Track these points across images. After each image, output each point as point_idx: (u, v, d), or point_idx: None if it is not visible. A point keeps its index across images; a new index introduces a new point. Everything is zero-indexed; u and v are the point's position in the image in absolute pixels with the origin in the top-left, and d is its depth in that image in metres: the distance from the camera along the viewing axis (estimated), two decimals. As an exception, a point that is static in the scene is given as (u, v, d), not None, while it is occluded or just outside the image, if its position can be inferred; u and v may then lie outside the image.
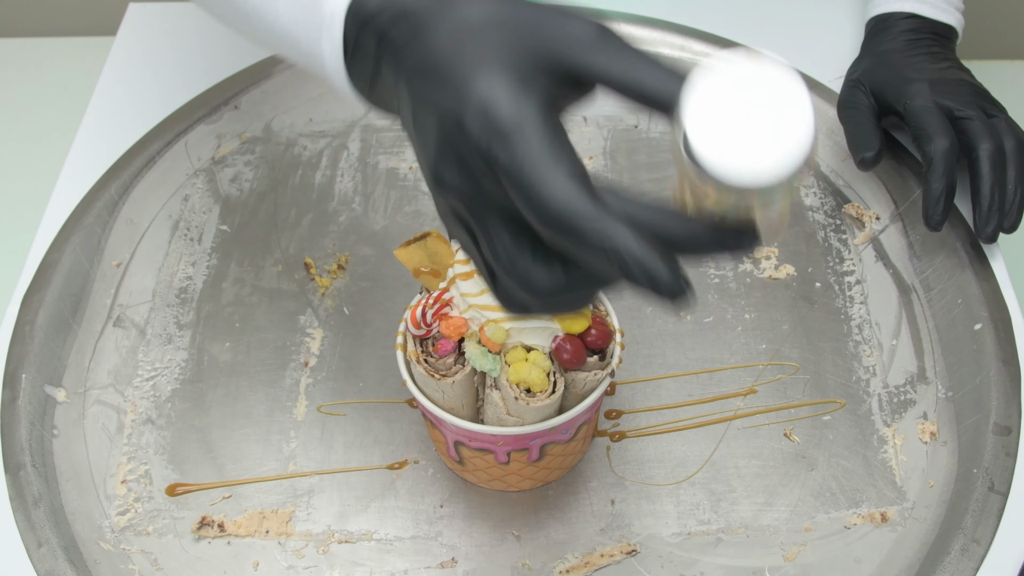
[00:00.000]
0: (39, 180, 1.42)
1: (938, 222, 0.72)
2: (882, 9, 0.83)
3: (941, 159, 0.70)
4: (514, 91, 0.40)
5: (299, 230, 0.82)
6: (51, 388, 0.71)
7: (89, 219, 0.80)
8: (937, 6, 0.81)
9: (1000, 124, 0.72)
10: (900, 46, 0.80)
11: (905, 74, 0.76)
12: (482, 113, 0.40)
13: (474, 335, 0.56)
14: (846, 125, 0.78)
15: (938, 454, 0.67)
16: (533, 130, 0.39)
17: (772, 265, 0.78)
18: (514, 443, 0.59)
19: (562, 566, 0.63)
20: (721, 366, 0.73)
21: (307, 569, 0.63)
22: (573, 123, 0.89)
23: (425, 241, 0.56)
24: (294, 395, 0.72)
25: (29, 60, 1.61)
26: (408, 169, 0.86)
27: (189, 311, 0.77)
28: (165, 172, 0.85)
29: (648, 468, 0.68)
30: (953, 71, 0.77)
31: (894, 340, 0.73)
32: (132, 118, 0.88)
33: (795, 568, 0.63)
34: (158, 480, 0.68)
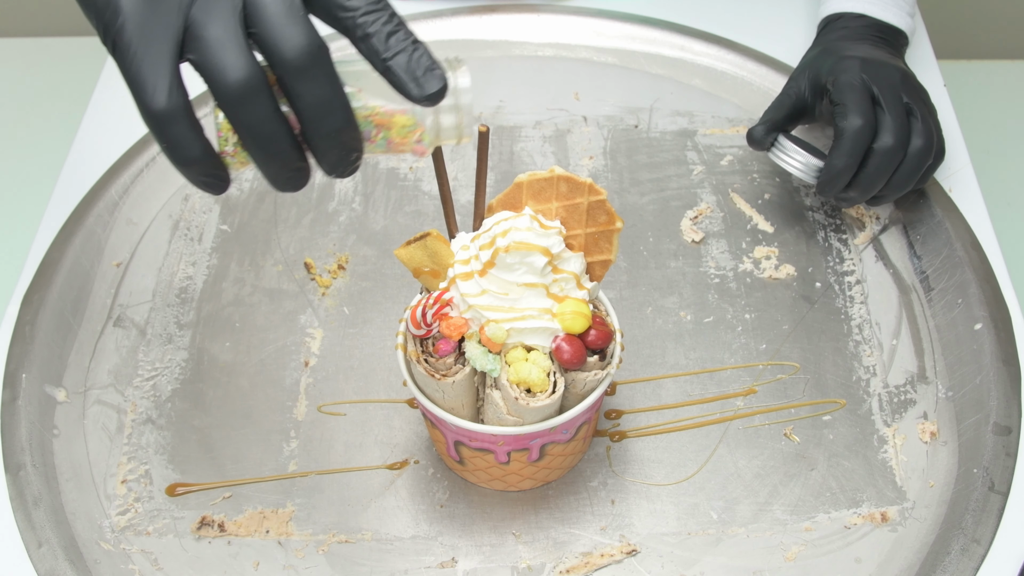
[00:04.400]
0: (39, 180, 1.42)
1: (828, 195, 0.74)
2: (833, 9, 0.84)
3: (851, 137, 0.70)
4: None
5: (299, 230, 0.82)
6: (51, 388, 0.71)
7: (89, 219, 0.80)
8: (886, 8, 0.82)
9: (916, 124, 0.72)
10: (847, 34, 0.81)
11: (841, 53, 0.76)
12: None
13: (474, 335, 0.56)
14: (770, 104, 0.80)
15: (938, 454, 0.67)
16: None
17: (772, 265, 0.78)
18: (514, 443, 0.59)
19: (562, 566, 0.63)
20: (721, 366, 0.73)
21: (307, 569, 0.63)
22: (573, 123, 0.89)
23: (425, 241, 0.56)
24: (294, 395, 0.72)
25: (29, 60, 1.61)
26: (408, 169, 0.86)
27: (189, 311, 0.77)
28: (165, 172, 0.85)
29: (648, 468, 0.68)
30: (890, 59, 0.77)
31: (894, 340, 0.73)
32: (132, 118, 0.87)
33: (795, 568, 0.63)
34: (158, 480, 0.68)
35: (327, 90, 0.45)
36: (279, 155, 0.47)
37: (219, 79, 0.44)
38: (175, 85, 0.45)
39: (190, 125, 0.45)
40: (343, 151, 0.48)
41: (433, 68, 0.46)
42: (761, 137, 0.77)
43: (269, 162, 0.47)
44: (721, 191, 0.84)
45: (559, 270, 0.56)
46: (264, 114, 0.45)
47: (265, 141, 0.46)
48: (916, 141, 0.71)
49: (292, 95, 0.45)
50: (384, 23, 0.46)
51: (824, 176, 0.72)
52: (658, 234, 0.81)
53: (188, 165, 0.47)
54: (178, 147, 0.46)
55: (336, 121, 0.46)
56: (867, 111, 0.71)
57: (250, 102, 0.45)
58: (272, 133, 0.46)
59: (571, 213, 0.56)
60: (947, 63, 1.47)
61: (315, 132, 0.46)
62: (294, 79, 0.45)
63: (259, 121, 0.45)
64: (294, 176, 0.49)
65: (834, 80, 0.73)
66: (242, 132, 0.46)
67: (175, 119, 0.45)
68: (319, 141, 0.47)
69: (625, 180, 0.85)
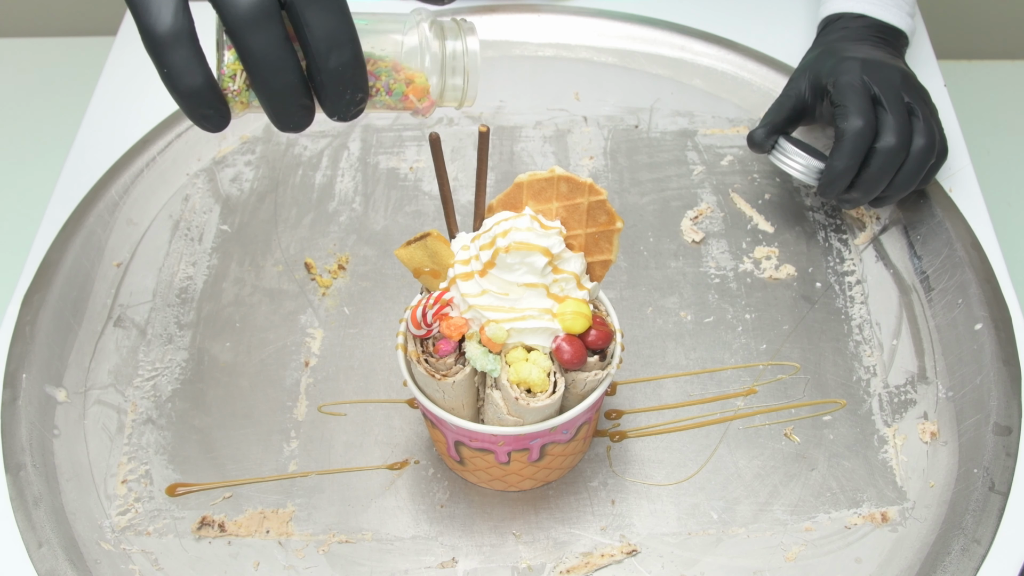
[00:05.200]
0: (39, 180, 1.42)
1: (830, 196, 0.74)
2: (833, 9, 0.84)
3: (851, 138, 0.70)
4: None
5: (299, 230, 0.82)
6: (51, 388, 0.71)
7: (90, 219, 0.80)
8: (887, 8, 0.82)
9: (918, 123, 0.72)
10: (847, 35, 0.81)
11: (842, 54, 0.76)
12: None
13: (474, 335, 0.56)
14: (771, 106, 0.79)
15: (938, 454, 0.67)
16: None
17: (773, 265, 0.78)
18: (514, 443, 0.59)
19: (562, 566, 0.63)
20: (721, 366, 0.73)
21: (307, 569, 0.63)
22: (573, 123, 0.89)
23: (425, 241, 0.56)
24: (294, 395, 0.72)
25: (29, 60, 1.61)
26: (408, 169, 0.86)
27: (189, 311, 0.77)
28: (165, 172, 0.85)
29: (648, 468, 0.68)
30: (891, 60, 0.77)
31: (894, 340, 0.73)
32: (132, 118, 0.88)
33: (795, 568, 0.63)
34: (158, 480, 0.68)
35: (337, 21, 0.45)
36: (286, 87, 0.46)
37: (230, 2, 0.43)
38: (180, 8, 0.44)
39: (194, 51, 0.44)
40: (348, 90, 0.47)
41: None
42: (762, 140, 0.77)
43: (275, 95, 0.46)
44: (721, 191, 0.84)
45: (559, 270, 0.56)
46: (275, 40, 0.44)
47: (273, 70, 0.45)
48: (918, 140, 0.71)
49: (301, 24, 0.44)
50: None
51: (825, 178, 0.72)
52: (658, 234, 0.81)
53: (189, 94, 0.45)
54: (180, 74, 0.44)
55: (344, 55, 0.45)
56: (868, 112, 0.71)
57: (261, 27, 0.44)
58: (281, 62, 0.45)
59: (571, 213, 0.56)
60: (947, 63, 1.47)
61: (322, 66, 0.45)
62: (304, 7, 0.44)
63: (269, 48, 0.44)
64: (298, 113, 0.47)
65: (834, 81, 0.73)
66: (250, 60, 0.45)
67: (179, 42, 0.44)
68: (325, 77, 0.46)
69: (625, 180, 0.85)
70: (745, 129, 0.88)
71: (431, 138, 0.54)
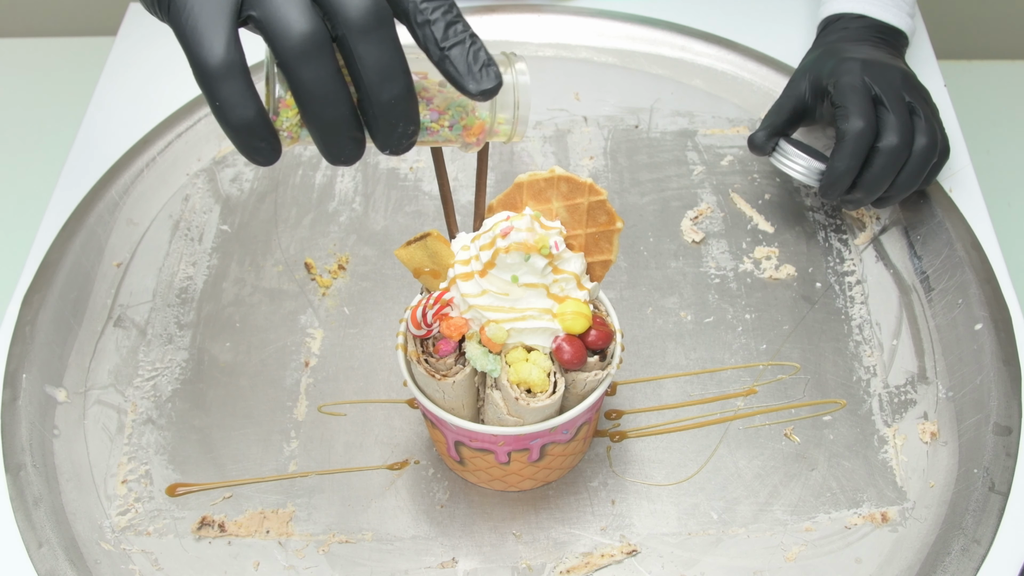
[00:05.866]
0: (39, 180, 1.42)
1: (832, 197, 0.74)
2: (833, 10, 0.84)
3: (852, 139, 0.70)
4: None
5: (299, 230, 0.82)
6: (52, 388, 0.71)
7: (90, 219, 0.80)
8: (886, 8, 0.82)
9: (919, 123, 0.72)
10: (847, 35, 0.81)
11: (842, 54, 0.76)
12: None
13: (475, 335, 0.56)
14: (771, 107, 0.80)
15: (938, 454, 0.67)
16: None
17: (773, 265, 0.78)
18: (514, 443, 0.59)
19: (562, 566, 0.63)
20: (721, 366, 0.73)
21: (307, 569, 0.63)
22: (573, 123, 0.89)
23: (425, 241, 0.56)
24: (294, 395, 0.72)
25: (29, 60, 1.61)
26: (408, 169, 0.86)
27: (189, 311, 0.77)
28: (165, 172, 0.85)
29: (648, 468, 0.68)
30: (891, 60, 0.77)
31: (894, 340, 0.73)
32: (132, 118, 0.88)
33: (795, 568, 0.63)
34: (158, 480, 0.68)
35: (389, 54, 0.44)
36: (337, 120, 0.45)
37: (282, 34, 0.43)
38: (232, 41, 0.44)
39: (246, 84, 0.44)
40: (400, 123, 0.46)
41: (490, 64, 0.46)
42: (762, 143, 0.77)
43: (326, 128, 0.46)
44: (721, 191, 0.84)
45: (559, 270, 0.56)
46: (326, 73, 0.44)
47: (325, 103, 0.44)
48: (920, 140, 0.71)
49: (353, 58, 0.44)
50: (444, 12, 0.45)
51: (826, 179, 0.72)
52: (658, 234, 0.81)
53: (240, 128, 0.45)
54: (232, 107, 0.44)
55: (396, 88, 0.45)
56: (868, 113, 0.71)
57: (313, 59, 0.43)
58: (333, 94, 0.44)
59: (571, 213, 0.56)
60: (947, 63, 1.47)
61: (375, 99, 0.45)
62: (356, 40, 0.44)
63: (321, 80, 0.44)
64: (349, 145, 0.47)
65: (835, 82, 0.73)
66: (302, 93, 0.44)
67: (231, 75, 0.43)
68: (377, 110, 0.45)
69: (625, 180, 0.85)
70: (745, 129, 0.88)
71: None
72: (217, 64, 0.43)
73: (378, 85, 0.45)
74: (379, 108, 0.45)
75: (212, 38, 0.43)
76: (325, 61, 0.44)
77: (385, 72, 0.44)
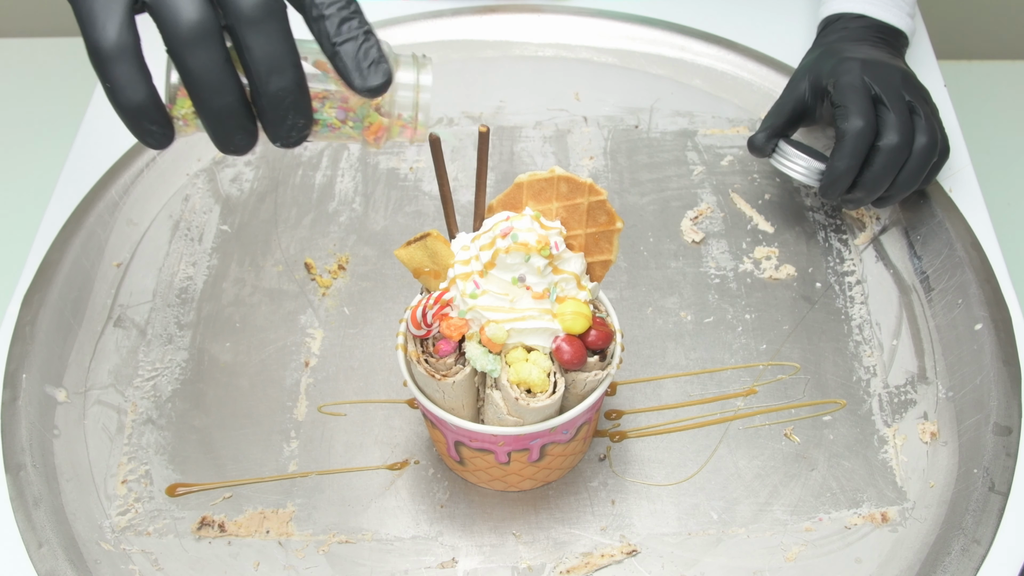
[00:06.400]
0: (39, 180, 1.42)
1: (832, 197, 0.74)
2: (833, 10, 0.84)
3: (852, 139, 0.70)
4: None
5: (299, 230, 0.82)
6: (51, 388, 0.71)
7: (90, 219, 0.80)
8: (886, 8, 0.82)
9: (919, 122, 0.72)
10: (847, 35, 0.81)
11: (842, 54, 0.76)
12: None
13: (475, 335, 0.56)
14: (771, 108, 0.80)
15: (938, 454, 0.67)
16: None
17: (773, 265, 0.78)
18: (514, 443, 0.59)
19: (562, 566, 0.63)
20: (721, 366, 0.73)
21: (307, 569, 0.63)
22: (573, 123, 0.89)
23: (425, 241, 0.56)
24: (294, 395, 0.72)
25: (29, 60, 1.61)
26: (408, 169, 0.86)
27: (189, 311, 0.77)
28: (165, 172, 0.85)
29: (648, 468, 0.68)
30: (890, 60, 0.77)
31: (894, 340, 0.73)
32: (132, 118, 0.88)
33: (795, 568, 0.63)
34: (158, 480, 0.68)
35: (279, 46, 0.45)
36: (226, 109, 0.46)
37: (172, 20, 0.44)
38: (126, 24, 0.44)
39: (138, 66, 0.45)
40: (290, 114, 0.47)
41: (380, 61, 0.46)
42: (762, 144, 0.77)
43: (214, 117, 0.46)
44: (721, 191, 0.84)
45: (559, 270, 0.56)
46: (214, 61, 0.44)
47: (212, 91, 0.45)
48: (921, 138, 0.71)
49: (242, 48, 0.45)
50: (340, 8, 0.46)
51: (826, 179, 0.72)
52: (658, 234, 0.81)
53: (131, 110, 0.46)
54: (122, 88, 0.45)
55: (284, 80, 0.46)
56: (868, 112, 0.71)
57: (201, 47, 0.44)
58: (221, 83, 0.45)
59: (571, 213, 0.56)
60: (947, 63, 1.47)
61: (263, 90, 0.46)
62: (246, 30, 0.44)
63: (209, 68, 0.45)
64: (239, 135, 0.47)
65: (835, 82, 0.73)
66: (190, 80, 0.45)
67: (123, 57, 0.44)
68: (266, 101, 0.46)
69: (625, 180, 0.85)
70: (745, 129, 0.88)
71: (431, 139, 0.54)
72: (109, 46, 0.44)
73: (266, 76, 0.45)
74: (267, 99, 0.46)
75: (105, 20, 0.44)
76: (213, 50, 0.44)
77: (273, 64, 0.45)
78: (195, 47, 0.44)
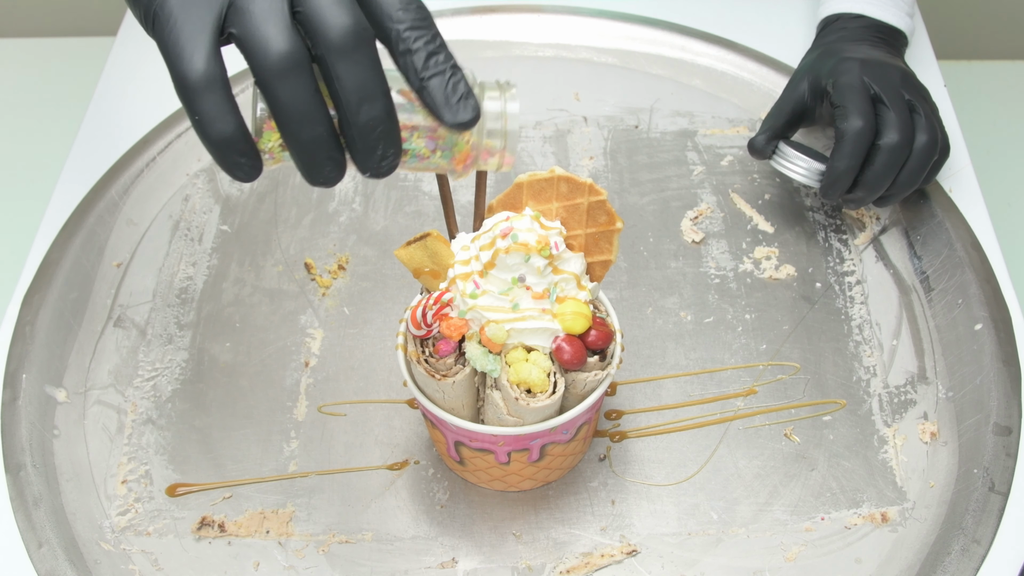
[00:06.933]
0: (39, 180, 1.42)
1: (832, 198, 0.73)
2: (832, 10, 0.84)
3: (852, 139, 0.70)
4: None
5: (299, 230, 0.82)
6: (52, 388, 0.71)
7: (90, 219, 0.80)
8: (885, 8, 0.82)
9: (919, 120, 0.72)
10: (846, 35, 0.81)
11: (841, 55, 0.76)
12: None
13: (475, 335, 0.56)
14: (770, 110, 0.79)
15: (938, 454, 0.67)
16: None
17: (772, 265, 0.78)
18: (514, 443, 0.59)
19: (562, 566, 0.63)
20: (721, 366, 0.73)
21: (307, 569, 0.63)
22: (573, 123, 0.89)
23: (425, 241, 0.56)
24: (294, 395, 0.72)
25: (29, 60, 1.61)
26: (408, 169, 0.86)
27: (189, 311, 0.77)
28: (165, 172, 0.85)
29: (648, 468, 0.68)
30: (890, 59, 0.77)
31: (894, 340, 0.73)
32: (132, 118, 0.88)
33: (795, 568, 0.63)
34: (158, 480, 0.68)
35: (369, 75, 0.44)
36: (315, 140, 0.45)
37: (261, 51, 0.43)
38: (213, 54, 0.44)
39: (226, 97, 0.44)
40: (380, 145, 0.46)
41: (468, 96, 0.46)
42: (762, 146, 0.77)
43: (303, 148, 0.46)
44: (721, 191, 0.84)
45: (559, 270, 0.56)
46: (304, 92, 0.44)
47: (302, 122, 0.45)
48: (921, 137, 0.71)
49: (332, 77, 0.44)
50: (427, 41, 0.46)
51: (827, 179, 0.72)
52: (658, 234, 0.81)
53: (219, 143, 0.45)
54: (211, 121, 0.44)
55: (374, 110, 0.45)
56: (867, 112, 0.71)
57: (291, 78, 0.43)
58: (310, 114, 0.44)
59: (571, 213, 0.56)
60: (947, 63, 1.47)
61: (353, 120, 0.45)
62: (336, 60, 0.44)
63: (298, 99, 0.44)
64: (328, 166, 0.47)
65: (834, 82, 0.73)
66: (279, 111, 0.44)
67: (211, 89, 0.44)
68: (356, 132, 0.45)
69: (625, 180, 0.85)
70: (745, 129, 0.88)
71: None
72: (197, 78, 0.43)
73: (356, 105, 0.45)
74: (357, 130, 0.45)
75: (192, 52, 0.43)
76: (303, 80, 0.44)
77: (363, 93, 0.44)
78: (285, 78, 0.43)
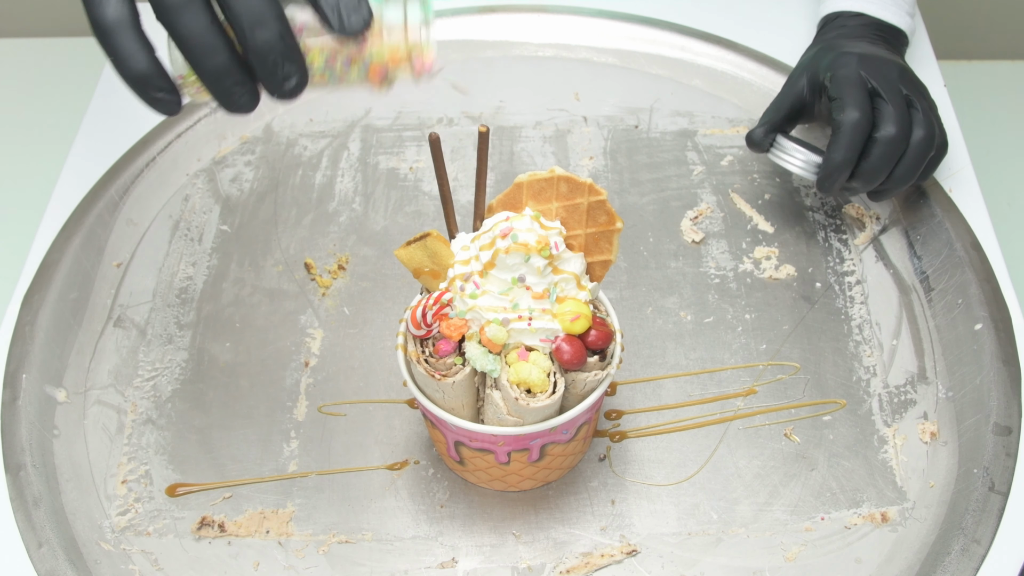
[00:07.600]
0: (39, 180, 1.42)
1: (828, 190, 0.73)
2: (833, 8, 0.85)
3: (848, 130, 0.70)
4: None
5: (299, 230, 0.82)
6: (51, 388, 0.71)
7: (90, 219, 0.80)
8: (885, 7, 0.82)
9: (916, 115, 0.72)
10: (845, 32, 0.81)
11: (839, 49, 0.76)
12: None
13: (475, 335, 0.56)
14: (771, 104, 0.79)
15: (938, 454, 0.67)
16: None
17: (772, 265, 0.78)
18: (514, 443, 0.59)
19: (562, 566, 0.63)
20: (721, 366, 0.73)
21: (307, 569, 0.63)
22: (573, 123, 0.89)
23: (425, 241, 0.56)
24: (294, 395, 0.72)
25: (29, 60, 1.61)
26: (408, 169, 0.86)
27: (189, 311, 0.77)
28: (165, 172, 0.85)
29: (648, 468, 0.68)
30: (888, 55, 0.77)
31: (894, 340, 0.73)
32: (132, 118, 0.88)
33: (795, 568, 0.63)
34: (158, 480, 0.68)
35: (258, 0, 0.47)
36: (219, 67, 0.48)
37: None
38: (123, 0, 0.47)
39: (137, 37, 0.47)
40: (280, 66, 0.49)
41: (360, 5, 0.48)
42: (760, 139, 0.77)
43: (210, 76, 0.48)
44: (721, 191, 0.84)
45: (559, 270, 0.56)
46: (200, 22, 0.47)
47: (204, 52, 0.47)
48: (918, 131, 0.71)
49: (225, 6, 0.47)
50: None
51: (823, 171, 0.72)
52: (658, 234, 0.81)
53: (136, 78, 0.48)
54: (125, 59, 0.48)
55: (267, 32, 0.47)
56: (864, 104, 0.71)
57: (187, 10, 0.46)
58: (211, 43, 0.47)
59: (571, 213, 0.56)
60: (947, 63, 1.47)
61: (249, 44, 0.47)
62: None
63: (196, 30, 0.47)
64: (238, 92, 0.49)
65: (831, 75, 0.73)
66: (182, 44, 0.47)
67: (122, 29, 0.47)
68: (253, 56, 0.48)
69: (625, 180, 0.85)
70: (745, 129, 0.88)
71: (431, 138, 0.54)
72: (109, 21, 0.47)
73: (249, 30, 0.47)
74: (254, 54, 0.48)
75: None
76: (198, 11, 0.47)
77: (253, 17, 0.47)
78: (181, 12, 0.46)
